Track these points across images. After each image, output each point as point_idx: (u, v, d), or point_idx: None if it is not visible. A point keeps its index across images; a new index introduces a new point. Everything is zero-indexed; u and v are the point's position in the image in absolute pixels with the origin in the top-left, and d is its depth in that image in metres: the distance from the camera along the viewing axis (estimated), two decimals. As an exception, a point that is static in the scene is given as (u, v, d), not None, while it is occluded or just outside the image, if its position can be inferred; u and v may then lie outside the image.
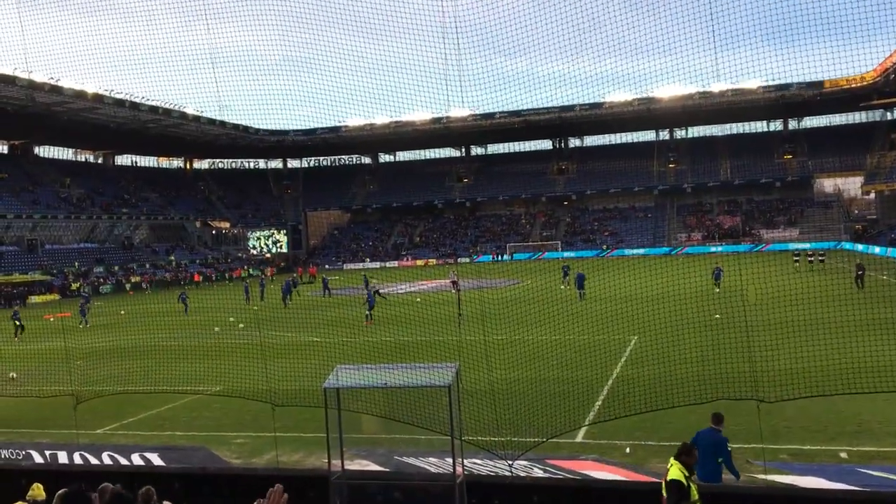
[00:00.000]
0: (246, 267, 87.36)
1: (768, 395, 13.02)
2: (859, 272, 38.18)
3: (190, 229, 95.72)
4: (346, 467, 10.06)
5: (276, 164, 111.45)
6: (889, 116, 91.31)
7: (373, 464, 13.48)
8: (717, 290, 36.77)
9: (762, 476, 11.54)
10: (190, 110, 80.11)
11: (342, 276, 64.68)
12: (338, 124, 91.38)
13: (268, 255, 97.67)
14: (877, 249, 67.93)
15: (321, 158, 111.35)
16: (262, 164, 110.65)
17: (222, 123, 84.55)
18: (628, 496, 9.46)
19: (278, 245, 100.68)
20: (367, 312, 34.19)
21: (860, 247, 73.11)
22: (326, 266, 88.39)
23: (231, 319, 35.63)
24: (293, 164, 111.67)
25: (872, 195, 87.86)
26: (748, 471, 12.31)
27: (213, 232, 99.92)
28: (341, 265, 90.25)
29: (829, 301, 24.65)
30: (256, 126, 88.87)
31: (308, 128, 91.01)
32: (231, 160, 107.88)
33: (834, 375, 14.69)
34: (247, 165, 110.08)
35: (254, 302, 44.64)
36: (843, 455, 13.08)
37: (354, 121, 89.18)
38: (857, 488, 11.04)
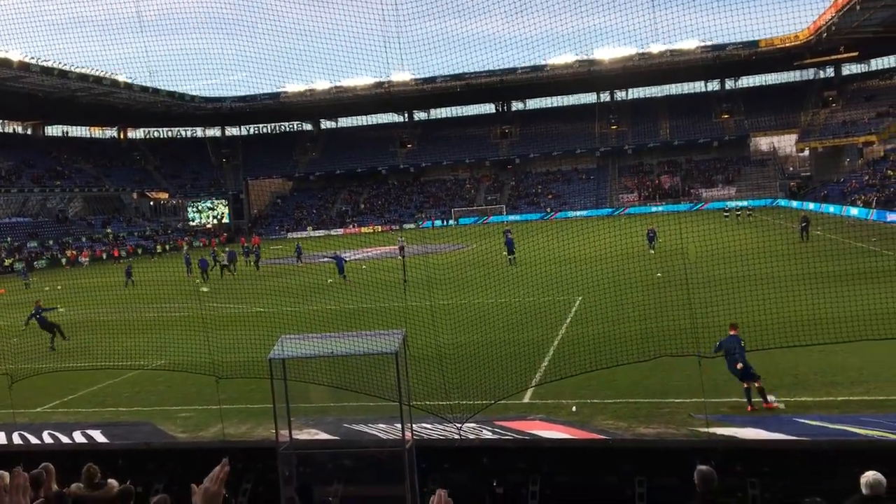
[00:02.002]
0: (187, 238, 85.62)
1: (709, 351, 13.34)
2: (804, 224, 39.74)
3: (126, 201, 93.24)
4: (295, 437, 10.00)
5: (214, 132, 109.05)
6: (822, 75, 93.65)
7: (322, 433, 13.43)
8: (652, 251, 37.23)
9: (704, 429, 11.85)
10: (122, 78, 77.53)
11: (286, 245, 63.86)
12: (277, 90, 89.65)
13: (209, 226, 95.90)
14: (811, 206, 69.97)
15: (261, 126, 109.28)
16: (199, 132, 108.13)
17: (156, 91, 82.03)
18: (575, 453, 9.61)
19: (220, 215, 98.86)
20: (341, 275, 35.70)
21: (795, 203, 75.20)
22: (272, 236, 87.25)
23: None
24: (232, 131, 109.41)
25: (806, 152, 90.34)
26: (691, 424, 12.65)
27: (151, 203, 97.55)
28: (285, 234, 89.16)
29: (766, 257, 25.33)
30: (192, 93, 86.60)
31: (246, 94, 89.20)
32: (167, 129, 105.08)
33: (772, 329, 15.11)
34: (184, 134, 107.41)
35: (195, 275, 43.76)
36: (782, 406, 13.52)
37: (294, 86, 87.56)
38: (794, 437, 11.42)
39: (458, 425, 10.17)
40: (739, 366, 13.39)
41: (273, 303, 25.72)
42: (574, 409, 14.13)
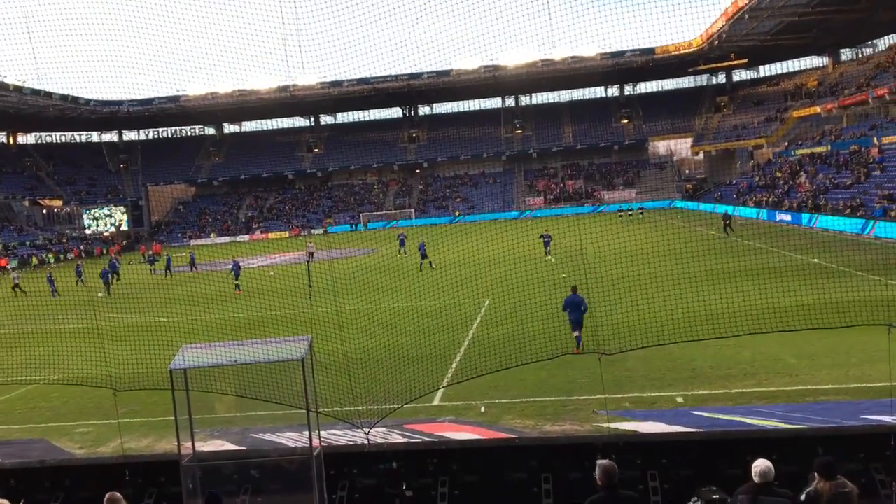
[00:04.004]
0: (81, 247, 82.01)
1: (609, 348, 13.75)
2: (727, 220, 43.37)
3: (17, 209, 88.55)
4: (199, 449, 9.77)
5: (111, 136, 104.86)
6: (714, 81, 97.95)
7: (227, 443, 13.14)
8: (550, 258, 36.94)
9: (606, 424, 12.22)
10: (10, 80, 73.64)
11: (180, 255, 62.05)
12: (177, 94, 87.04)
13: (106, 234, 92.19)
14: (705, 206, 72.97)
15: (161, 130, 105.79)
16: (95, 136, 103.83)
17: (48, 94, 78.33)
18: (483, 453, 9.74)
19: (117, 223, 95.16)
20: (237, 282, 34.71)
21: (690, 205, 78.28)
22: (174, 244, 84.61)
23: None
24: (130, 136, 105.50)
25: (701, 155, 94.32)
26: (594, 420, 13.00)
27: (44, 211, 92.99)
28: (188, 241, 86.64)
29: (662, 256, 26.31)
30: (87, 96, 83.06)
31: (144, 98, 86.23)
32: (60, 133, 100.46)
33: (670, 325, 15.71)
34: (78, 139, 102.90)
35: (90, 282, 41.83)
36: (680, 399, 14.06)
37: (195, 90, 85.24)
38: (691, 429, 11.90)
39: (366, 430, 10.15)
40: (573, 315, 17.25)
41: (175, 312, 24.99)
42: (483, 409, 14.29)
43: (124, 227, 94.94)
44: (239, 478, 9.31)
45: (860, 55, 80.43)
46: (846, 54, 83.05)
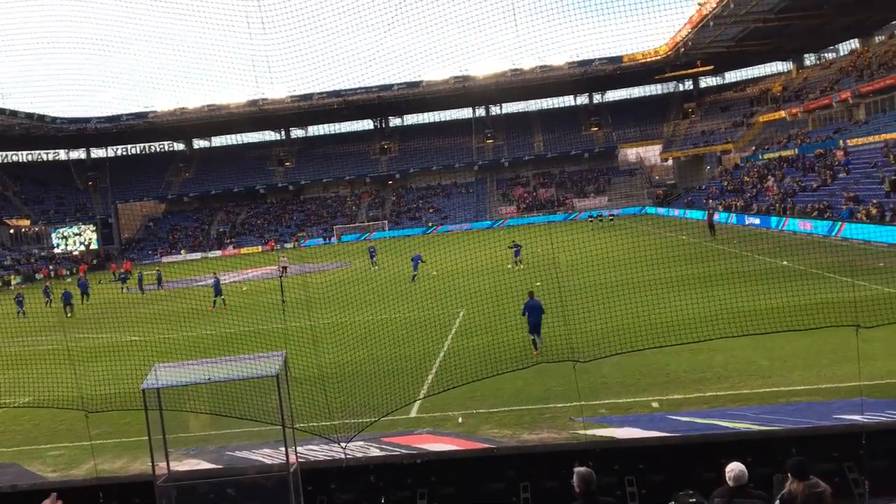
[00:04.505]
0: (51, 267, 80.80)
1: (584, 355, 13.82)
2: (710, 222, 45.54)
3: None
4: (174, 469, 9.67)
5: (78, 154, 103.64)
6: (681, 88, 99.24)
7: (203, 462, 13.01)
8: (521, 265, 36.73)
9: (583, 431, 12.26)
10: (-27, 99, 72.59)
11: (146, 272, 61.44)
12: (145, 110, 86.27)
13: (75, 253, 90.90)
14: (675, 212, 73.76)
15: (129, 147, 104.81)
16: (63, 154, 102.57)
17: (13, 113, 77.31)
18: (461, 464, 9.73)
19: (87, 241, 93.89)
20: (215, 298, 33.93)
21: (662, 210, 79.07)
22: (144, 261, 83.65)
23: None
24: (99, 153, 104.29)
25: (670, 162, 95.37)
26: (571, 428, 13.05)
27: (11, 231, 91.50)
28: (159, 258, 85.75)
29: (636, 263, 26.52)
30: (53, 114, 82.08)
31: (112, 114, 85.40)
32: (27, 152, 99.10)
33: (644, 331, 15.84)
34: (46, 157, 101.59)
35: (56, 303, 41.16)
36: (655, 404, 14.16)
37: (163, 105, 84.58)
38: (667, 434, 11.98)
39: (343, 445, 10.10)
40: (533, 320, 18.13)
41: (146, 330, 24.70)
42: (460, 420, 14.28)
43: (94, 246, 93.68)
44: (215, 496, 9.22)
45: (823, 60, 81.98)
46: (809, 59, 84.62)
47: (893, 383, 13.72)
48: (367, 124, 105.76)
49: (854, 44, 74.44)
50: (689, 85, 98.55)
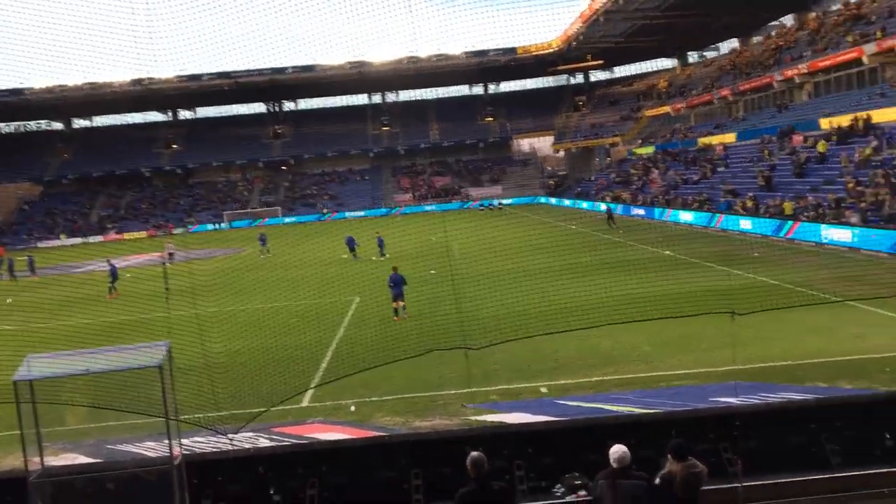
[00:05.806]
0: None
1: (476, 343, 13.98)
2: (609, 214, 46.35)
3: None
4: (49, 464, 9.18)
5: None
6: (573, 81, 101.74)
7: (82, 456, 12.41)
8: (385, 257, 36.08)
9: (475, 417, 12.42)
10: None
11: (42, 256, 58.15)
12: (20, 86, 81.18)
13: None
14: (566, 202, 75.70)
15: (2, 125, 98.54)
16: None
17: None
18: (352, 452, 9.67)
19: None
20: (111, 284, 32.25)
21: (554, 200, 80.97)
22: (18, 246, 78.91)
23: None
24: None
25: (562, 153, 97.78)
26: (463, 414, 13.19)
27: None
28: (35, 243, 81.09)
29: (527, 251, 27.05)
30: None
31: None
32: None
33: (534, 318, 16.16)
34: None
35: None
36: (544, 390, 14.49)
37: (40, 82, 79.84)
38: (554, 418, 12.28)
39: (230, 436, 9.85)
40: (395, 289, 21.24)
41: (19, 319, 23.34)
42: (353, 408, 14.19)
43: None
44: (94, 492, 8.81)
45: (705, 58, 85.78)
46: (692, 57, 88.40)
47: (765, 367, 14.54)
48: (260, 107, 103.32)
49: (734, 43, 78.22)
50: (580, 78, 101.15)
